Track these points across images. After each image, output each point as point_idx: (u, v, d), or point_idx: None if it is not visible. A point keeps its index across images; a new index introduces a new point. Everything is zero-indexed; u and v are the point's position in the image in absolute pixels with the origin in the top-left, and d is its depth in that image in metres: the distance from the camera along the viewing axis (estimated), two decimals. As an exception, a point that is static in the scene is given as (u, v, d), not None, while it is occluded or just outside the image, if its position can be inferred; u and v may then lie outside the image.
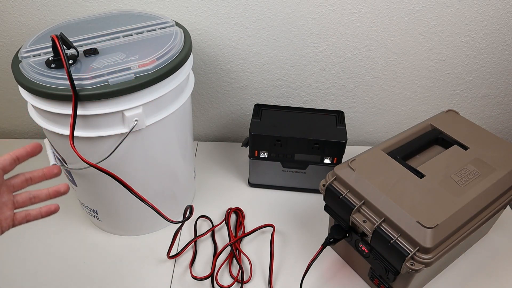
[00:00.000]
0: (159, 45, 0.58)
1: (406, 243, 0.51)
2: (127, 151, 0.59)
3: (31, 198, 0.47)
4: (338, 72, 0.86)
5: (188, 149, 0.72)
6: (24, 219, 0.47)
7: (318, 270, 0.68)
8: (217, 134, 1.00)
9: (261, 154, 0.78)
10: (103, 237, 0.73)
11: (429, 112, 0.94)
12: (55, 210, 0.49)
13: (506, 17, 0.78)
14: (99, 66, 0.54)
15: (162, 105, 0.59)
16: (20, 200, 0.46)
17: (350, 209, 0.57)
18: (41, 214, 0.48)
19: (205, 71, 0.87)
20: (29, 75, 0.53)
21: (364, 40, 0.81)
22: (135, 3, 0.76)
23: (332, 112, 0.80)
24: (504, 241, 0.73)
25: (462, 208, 0.54)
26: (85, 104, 0.52)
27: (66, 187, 0.49)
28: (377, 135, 0.99)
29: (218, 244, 0.72)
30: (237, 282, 0.66)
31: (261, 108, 0.80)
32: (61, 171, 0.49)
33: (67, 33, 0.57)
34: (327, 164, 0.77)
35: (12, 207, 0.45)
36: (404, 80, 0.88)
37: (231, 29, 0.80)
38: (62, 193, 0.49)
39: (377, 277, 0.61)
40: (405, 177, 0.58)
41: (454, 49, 0.83)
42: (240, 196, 0.82)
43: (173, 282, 0.66)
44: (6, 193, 0.45)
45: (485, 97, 0.92)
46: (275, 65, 0.86)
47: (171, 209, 0.72)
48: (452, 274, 0.67)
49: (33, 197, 0.47)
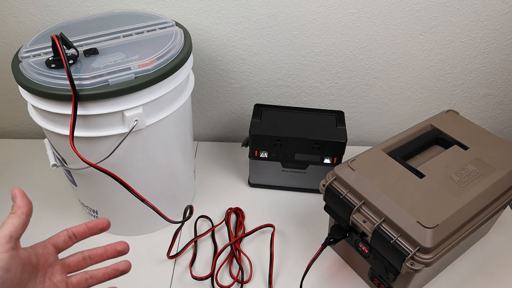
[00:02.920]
0: (159, 45, 0.58)
1: (406, 243, 0.51)
2: (127, 151, 0.59)
3: (87, 279, 0.42)
4: (338, 72, 0.86)
5: (188, 149, 0.72)
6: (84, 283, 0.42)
7: (318, 270, 0.68)
8: (217, 134, 1.00)
9: (261, 154, 0.78)
10: (103, 237, 0.73)
11: (429, 112, 0.94)
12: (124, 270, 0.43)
13: (506, 17, 0.78)
14: (99, 66, 0.54)
15: (162, 105, 0.59)
16: (75, 281, 0.41)
17: (350, 209, 0.57)
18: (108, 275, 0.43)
19: (205, 71, 0.87)
20: (29, 75, 0.53)
21: (364, 40, 0.81)
22: (135, 3, 0.76)
23: (332, 112, 0.80)
24: (504, 241, 0.73)
25: (462, 208, 0.54)
26: (85, 104, 0.52)
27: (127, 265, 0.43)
28: (377, 135, 0.99)
29: (218, 244, 0.72)
30: (237, 282, 0.66)
31: (261, 108, 0.80)
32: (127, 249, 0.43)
33: (67, 33, 0.57)
34: (327, 164, 0.77)
35: None
36: (404, 80, 0.88)
37: (231, 29, 0.80)
38: (121, 272, 0.43)
39: (377, 277, 0.61)
40: (405, 177, 0.58)
41: (454, 49, 0.83)
42: (240, 196, 0.82)
43: (173, 282, 0.66)
44: (59, 273, 0.40)
45: (485, 97, 0.92)
46: (275, 65, 0.86)
47: (171, 209, 0.72)
48: (452, 274, 0.67)
49: (89, 278, 0.42)
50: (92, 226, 0.42)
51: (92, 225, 0.42)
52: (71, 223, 0.75)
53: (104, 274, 0.43)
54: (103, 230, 0.42)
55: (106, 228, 0.43)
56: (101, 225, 0.42)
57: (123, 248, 0.44)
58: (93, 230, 0.42)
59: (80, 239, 0.42)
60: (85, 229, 0.42)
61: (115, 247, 0.43)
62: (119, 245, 0.43)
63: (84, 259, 0.42)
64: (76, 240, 0.41)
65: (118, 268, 0.43)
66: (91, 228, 0.42)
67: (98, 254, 0.43)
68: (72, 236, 0.41)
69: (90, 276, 0.42)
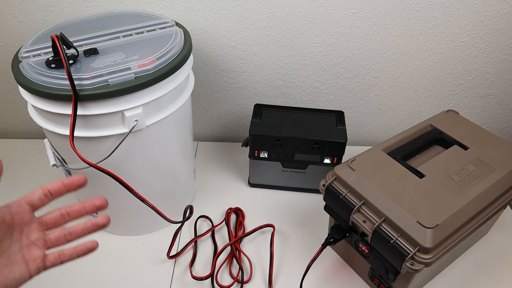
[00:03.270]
0: (159, 45, 0.58)
1: (406, 243, 0.51)
2: (127, 151, 0.59)
3: (66, 235, 0.41)
4: (338, 72, 0.86)
5: (188, 149, 0.72)
6: (58, 260, 0.41)
7: (318, 270, 0.68)
8: (217, 134, 1.00)
9: (261, 154, 0.78)
10: (103, 237, 0.73)
11: (429, 112, 0.94)
12: (92, 247, 0.42)
13: (506, 17, 0.78)
14: (99, 66, 0.54)
15: (162, 105, 0.59)
16: (53, 238, 0.41)
17: (350, 209, 0.57)
18: (77, 253, 0.42)
19: (205, 71, 0.87)
20: (29, 75, 0.53)
21: (364, 40, 0.81)
22: (135, 3, 0.76)
23: (332, 112, 0.80)
24: (504, 241, 0.73)
25: (462, 208, 0.54)
26: (85, 104, 0.52)
27: (106, 219, 0.43)
28: (377, 135, 0.99)
29: (218, 244, 0.72)
30: (237, 282, 0.66)
31: (261, 108, 0.80)
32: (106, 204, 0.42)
33: (67, 33, 0.57)
34: (327, 164, 0.77)
35: (43, 246, 0.40)
36: (404, 80, 0.88)
37: (231, 29, 0.80)
38: (101, 225, 0.42)
39: (377, 277, 0.61)
40: (405, 177, 0.58)
41: (454, 49, 0.83)
42: (240, 196, 0.82)
43: (173, 282, 0.66)
44: (36, 230, 0.40)
45: (485, 97, 0.92)
46: (275, 65, 0.86)
47: (171, 209, 0.72)
48: (452, 274, 0.67)
49: (68, 234, 0.41)
50: (68, 183, 0.41)
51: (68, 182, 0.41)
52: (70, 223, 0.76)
53: (84, 229, 0.42)
54: (80, 187, 0.41)
55: (82, 184, 0.41)
56: (78, 182, 0.41)
57: (101, 203, 0.42)
58: (70, 187, 0.41)
59: (56, 196, 0.41)
60: (61, 186, 0.40)
61: (94, 202, 0.42)
62: (98, 200, 0.42)
63: (62, 216, 0.41)
64: (52, 198, 0.40)
65: (97, 223, 0.42)
66: (67, 185, 0.41)
67: (76, 210, 0.42)
68: (47, 194, 0.40)
69: (69, 232, 0.41)
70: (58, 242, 0.41)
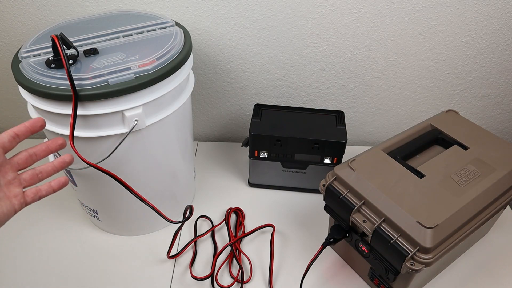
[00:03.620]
0: (159, 45, 0.58)
1: (406, 243, 0.51)
2: (127, 151, 0.59)
3: (37, 174, 0.45)
4: (338, 72, 0.86)
5: (188, 149, 0.72)
6: (36, 196, 0.45)
7: (318, 270, 0.68)
8: (217, 134, 1.00)
9: (261, 154, 0.78)
10: (103, 237, 0.73)
11: (429, 112, 0.94)
12: (65, 182, 0.47)
13: (506, 17, 0.78)
14: (99, 66, 0.54)
15: (162, 105, 0.59)
16: (27, 177, 0.44)
17: (350, 209, 0.57)
18: (53, 188, 0.46)
19: (205, 71, 0.87)
20: (29, 75, 0.53)
21: (364, 40, 0.81)
22: (135, 3, 0.76)
23: (332, 112, 0.80)
24: (504, 241, 0.73)
25: (462, 208, 0.54)
26: (85, 104, 0.52)
27: (71, 157, 0.47)
28: (377, 135, 0.99)
29: (218, 244, 0.72)
30: (237, 282, 0.66)
31: (261, 108, 0.80)
32: (65, 142, 0.47)
33: (67, 33, 0.57)
34: (327, 164, 0.77)
35: (20, 184, 0.44)
36: (404, 80, 0.88)
37: (231, 29, 0.80)
38: (68, 163, 0.47)
39: (377, 277, 0.61)
40: (405, 177, 0.58)
41: (454, 49, 0.83)
42: (240, 196, 0.82)
43: (173, 282, 0.66)
44: (10, 171, 0.43)
45: (485, 97, 0.92)
46: (275, 65, 0.86)
47: (171, 209, 0.72)
48: (452, 274, 0.67)
49: (39, 173, 0.45)
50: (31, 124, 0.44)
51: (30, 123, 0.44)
52: (71, 223, 0.76)
53: (53, 167, 0.46)
54: (42, 128, 0.45)
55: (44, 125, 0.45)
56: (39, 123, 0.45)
57: (62, 141, 0.47)
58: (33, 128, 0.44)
59: (22, 138, 0.44)
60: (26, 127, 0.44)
61: (56, 141, 0.46)
62: (59, 139, 0.46)
63: (30, 156, 0.45)
64: (19, 140, 0.43)
65: (64, 160, 0.47)
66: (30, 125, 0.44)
67: (42, 150, 0.46)
68: (15, 136, 0.43)
69: (40, 171, 0.45)
70: (32, 181, 0.45)
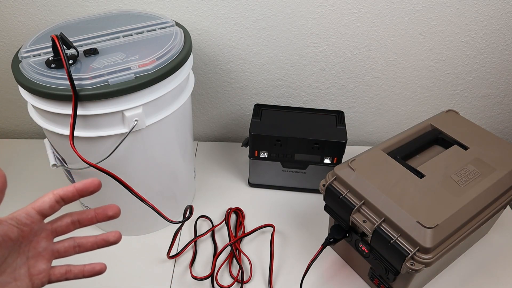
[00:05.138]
0: (159, 45, 0.58)
1: (406, 243, 0.51)
2: (127, 151, 0.59)
3: (75, 247, 0.39)
4: (338, 72, 0.86)
5: (188, 149, 0.72)
6: (63, 276, 0.39)
7: (318, 270, 0.68)
8: (217, 134, 1.00)
9: (261, 154, 0.78)
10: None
11: (429, 112, 0.94)
12: (100, 271, 0.40)
13: (506, 17, 0.78)
14: (99, 66, 0.54)
15: (162, 105, 0.59)
16: (62, 249, 0.38)
17: (350, 209, 0.57)
18: (83, 273, 0.40)
19: (205, 71, 0.87)
20: (29, 75, 0.53)
21: (364, 40, 0.81)
22: (135, 3, 0.76)
23: (332, 112, 0.80)
24: (504, 241, 0.73)
25: (462, 208, 0.54)
26: (85, 104, 0.52)
27: (118, 236, 0.40)
28: (377, 135, 0.99)
29: (218, 244, 0.72)
30: (237, 282, 0.66)
31: (261, 108, 0.80)
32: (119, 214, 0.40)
33: (67, 33, 0.57)
34: (327, 164, 0.77)
35: (50, 258, 0.38)
36: (404, 80, 0.88)
37: (231, 29, 0.80)
38: (112, 243, 0.40)
39: (377, 277, 0.61)
40: (405, 177, 0.58)
41: (454, 49, 0.83)
42: (240, 196, 0.82)
43: (173, 282, 0.66)
44: (44, 240, 0.37)
45: (485, 97, 0.92)
46: (275, 65, 0.86)
47: (171, 209, 0.72)
48: (452, 274, 0.67)
49: (77, 246, 0.39)
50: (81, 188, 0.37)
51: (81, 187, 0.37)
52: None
53: (93, 244, 0.40)
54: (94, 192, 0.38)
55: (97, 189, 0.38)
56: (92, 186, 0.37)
57: (114, 212, 0.40)
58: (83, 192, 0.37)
59: (67, 202, 0.37)
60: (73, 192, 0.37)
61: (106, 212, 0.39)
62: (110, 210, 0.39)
63: (73, 223, 0.38)
64: (63, 204, 0.37)
65: (108, 239, 0.40)
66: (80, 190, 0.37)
67: (87, 219, 0.39)
68: (59, 200, 0.36)
69: (78, 244, 0.39)
70: (66, 253, 0.39)
